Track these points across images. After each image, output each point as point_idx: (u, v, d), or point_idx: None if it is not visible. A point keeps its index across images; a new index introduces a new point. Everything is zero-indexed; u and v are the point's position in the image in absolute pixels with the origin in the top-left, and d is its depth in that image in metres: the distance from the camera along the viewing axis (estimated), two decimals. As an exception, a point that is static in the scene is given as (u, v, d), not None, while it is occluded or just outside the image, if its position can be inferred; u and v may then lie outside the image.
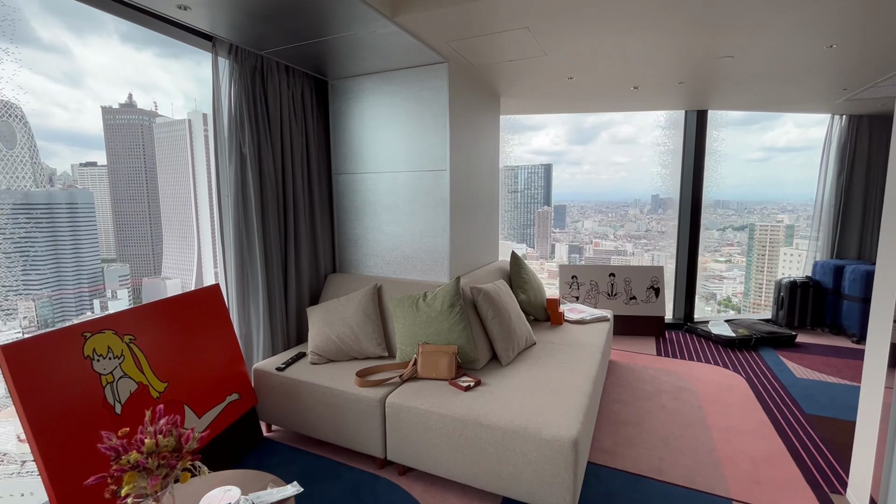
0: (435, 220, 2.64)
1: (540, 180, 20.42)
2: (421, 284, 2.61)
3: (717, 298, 9.89)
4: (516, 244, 18.80)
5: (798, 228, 8.80)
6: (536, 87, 3.20)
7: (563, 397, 1.95)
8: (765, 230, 9.29)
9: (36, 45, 35.38)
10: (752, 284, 9.15)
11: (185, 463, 1.03)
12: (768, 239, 9.15)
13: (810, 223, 4.57)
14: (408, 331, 2.34)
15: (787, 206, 9.67)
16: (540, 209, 18.83)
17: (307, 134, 2.82)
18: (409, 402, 1.97)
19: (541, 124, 15.29)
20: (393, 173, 2.74)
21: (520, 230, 19.89)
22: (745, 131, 10.64)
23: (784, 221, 9.16)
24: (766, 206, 10.07)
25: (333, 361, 2.43)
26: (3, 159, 6.39)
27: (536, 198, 20.08)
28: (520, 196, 20.79)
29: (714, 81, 3.12)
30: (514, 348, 2.42)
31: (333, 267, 3.05)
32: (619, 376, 3.18)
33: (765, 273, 8.97)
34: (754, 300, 8.85)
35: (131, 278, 6.12)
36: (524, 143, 20.87)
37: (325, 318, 2.52)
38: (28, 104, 5.29)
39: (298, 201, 2.74)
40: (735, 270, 9.57)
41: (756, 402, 2.80)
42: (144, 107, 7.10)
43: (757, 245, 9.27)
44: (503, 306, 2.49)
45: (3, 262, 4.09)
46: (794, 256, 7.51)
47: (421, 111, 2.60)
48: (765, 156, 17.23)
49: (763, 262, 9.04)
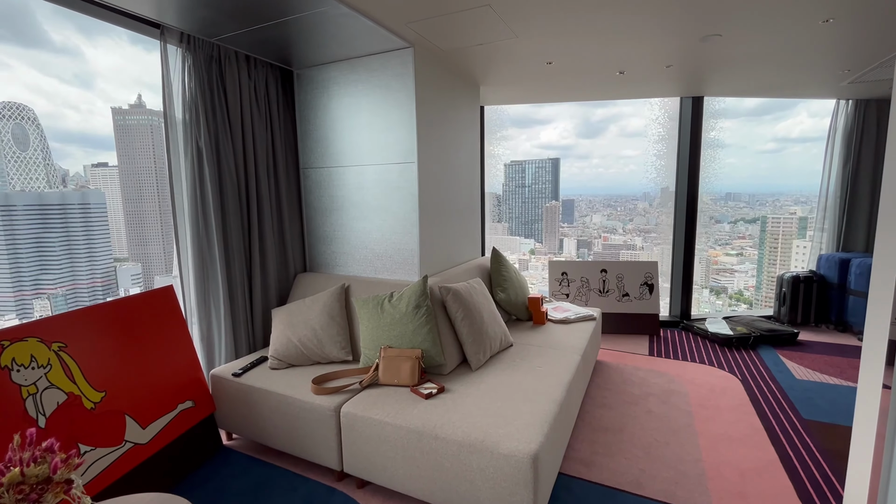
0: (404, 216, 2.49)
1: (548, 175, 20.05)
2: (391, 284, 2.47)
3: (728, 292, 9.72)
4: (524, 239, 18.49)
5: (812, 220, 8.72)
6: (515, 74, 3.04)
7: (530, 406, 1.80)
8: (777, 223, 9.10)
9: (49, 47, 35.86)
10: (763, 278, 8.87)
11: (56, 496, 0.91)
12: (781, 232, 8.98)
13: (815, 215, 4.34)
14: (371, 333, 2.21)
15: (801, 197, 9.42)
16: (548, 204, 18.44)
17: (272, 127, 2.69)
18: (365, 411, 1.84)
19: (549, 118, 14.90)
20: (360, 167, 2.60)
21: (528, 225, 19.53)
22: (759, 122, 10.28)
23: (797, 213, 8.99)
24: (778, 197, 9.82)
25: (294, 366, 2.30)
26: (16, 161, 6.40)
27: (544, 192, 19.73)
28: (527, 191, 20.47)
29: (705, 64, 2.93)
30: (485, 351, 2.27)
31: (304, 266, 2.92)
32: (605, 378, 3.02)
33: (777, 266, 8.89)
34: (766, 293, 8.54)
35: (143, 277, 6.11)
36: (532, 138, 20.24)
37: (287, 321, 2.40)
38: (40, 106, 5.17)
39: (263, 197, 2.61)
40: (747, 264, 9.38)
41: (750, 405, 2.62)
42: (154, 107, 7.07)
43: (769, 238, 9.07)
44: (474, 307, 2.34)
45: (21, 262, 4.02)
46: (808, 249, 7.45)
47: (387, 100, 2.45)
48: (778, 146, 16.79)
49: (775, 255, 8.89)
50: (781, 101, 3.93)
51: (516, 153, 18.83)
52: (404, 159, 2.44)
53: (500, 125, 4.43)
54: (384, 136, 2.48)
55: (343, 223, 2.72)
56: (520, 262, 14.56)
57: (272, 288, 2.71)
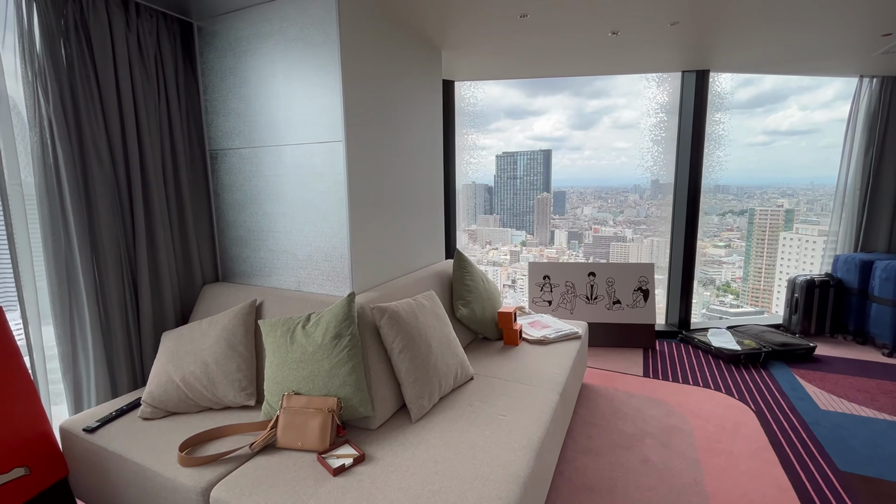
0: (329, 211, 1.91)
1: (539, 166, 19.80)
2: (317, 301, 1.89)
3: (716, 284, 9.85)
4: (515, 231, 18.24)
5: (798, 213, 8.82)
6: (482, 32, 2.44)
7: (485, 487, 1.24)
8: (765, 215, 9.36)
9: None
10: (751, 269, 9.16)
11: None
12: (768, 224, 9.24)
13: (830, 209, 3.83)
14: (276, 372, 1.63)
15: (788, 190, 9.69)
16: (539, 195, 18.30)
17: (167, 97, 2.08)
18: (241, 497, 1.27)
19: (543, 109, 14.52)
20: (277, 147, 2.00)
21: (519, 217, 19.42)
22: (750, 114, 10.22)
23: (784, 206, 9.21)
24: (766, 190, 9.97)
25: (176, 414, 1.72)
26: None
27: (536, 184, 19.56)
28: (519, 182, 20.21)
29: (718, 22, 2.37)
30: (431, 394, 1.71)
31: (216, 275, 2.33)
32: (592, 409, 2.48)
33: (764, 258, 9.08)
34: (753, 285, 9.09)
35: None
36: (526, 129, 19.96)
37: (172, 351, 1.81)
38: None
39: (153, 190, 2.00)
40: (734, 256, 9.54)
41: (770, 450, 2.10)
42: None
43: (757, 230, 9.33)
44: (419, 333, 1.77)
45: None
46: (793, 241, 7.48)
47: (305, 58, 1.85)
48: (768, 139, 16.67)
49: (763, 246, 9.12)
50: (773, 93, 3.65)
51: (510, 144, 18.37)
52: (328, 137, 1.85)
53: (495, 117, 3.87)
54: (304, 106, 1.89)
55: (260, 221, 2.12)
56: (511, 253, 14.22)
57: (170, 304, 2.11)
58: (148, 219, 2.03)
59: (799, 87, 56.40)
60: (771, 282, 8.96)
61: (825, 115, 6.69)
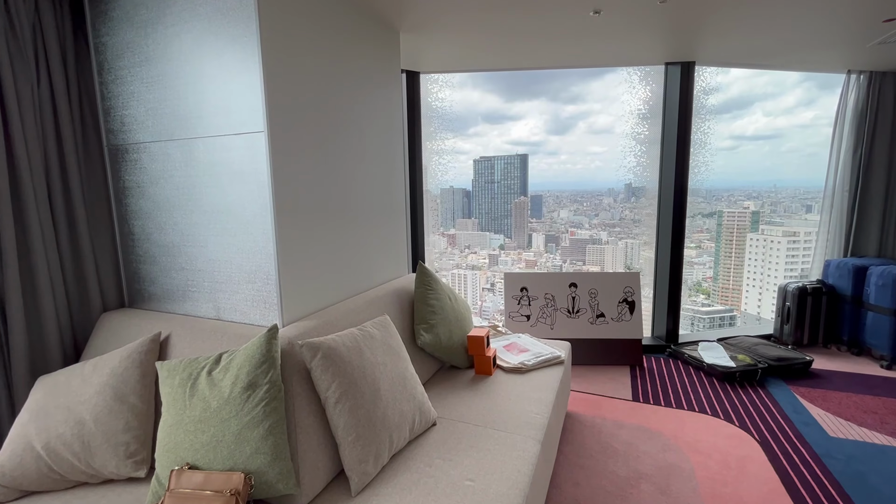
0: (251, 219, 1.52)
1: (516, 171, 19.80)
2: (238, 334, 1.50)
3: (687, 284, 10.23)
4: (494, 235, 18.07)
5: (763, 215, 9.22)
6: (446, 8, 2.11)
7: None
8: (732, 217, 9.76)
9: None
10: (720, 269, 9.64)
11: None
12: (735, 225, 9.62)
13: (820, 211, 3.65)
14: (169, 435, 1.23)
15: (753, 192, 10.16)
16: (517, 199, 18.33)
17: (51, 79, 1.65)
18: None
19: (520, 114, 14.34)
20: (187, 140, 1.60)
21: (498, 220, 19.37)
22: (717, 119, 10.60)
23: (750, 208, 9.51)
24: (733, 193, 10.38)
25: (37, 494, 1.29)
26: None
27: (513, 188, 19.57)
28: (497, 187, 20.18)
29: (709, 4, 2.10)
30: (378, 454, 1.33)
31: (121, 299, 1.90)
32: (578, 445, 2.15)
33: (732, 258, 9.51)
34: (723, 284, 9.52)
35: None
36: (504, 134, 20.01)
37: (40, 405, 1.38)
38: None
39: (29, 197, 1.57)
40: (705, 256, 9.97)
41: (784, 492, 1.81)
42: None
43: (725, 231, 9.72)
44: (363, 374, 1.40)
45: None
46: (759, 242, 8.04)
47: (216, 28, 1.46)
48: (733, 144, 17.13)
49: (731, 247, 9.53)
50: (739, 99, 3.31)
51: (488, 149, 18.37)
52: (247, 127, 1.46)
53: (473, 121, 3.56)
54: (218, 89, 1.50)
55: (170, 233, 1.71)
56: (490, 257, 14.07)
57: (55, 338, 1.67)
58: (24, 234, 1.59)
59: (764, 94, 58.00)
60: (740, 281, 9.31)
61: (787, 120, 6.72)
